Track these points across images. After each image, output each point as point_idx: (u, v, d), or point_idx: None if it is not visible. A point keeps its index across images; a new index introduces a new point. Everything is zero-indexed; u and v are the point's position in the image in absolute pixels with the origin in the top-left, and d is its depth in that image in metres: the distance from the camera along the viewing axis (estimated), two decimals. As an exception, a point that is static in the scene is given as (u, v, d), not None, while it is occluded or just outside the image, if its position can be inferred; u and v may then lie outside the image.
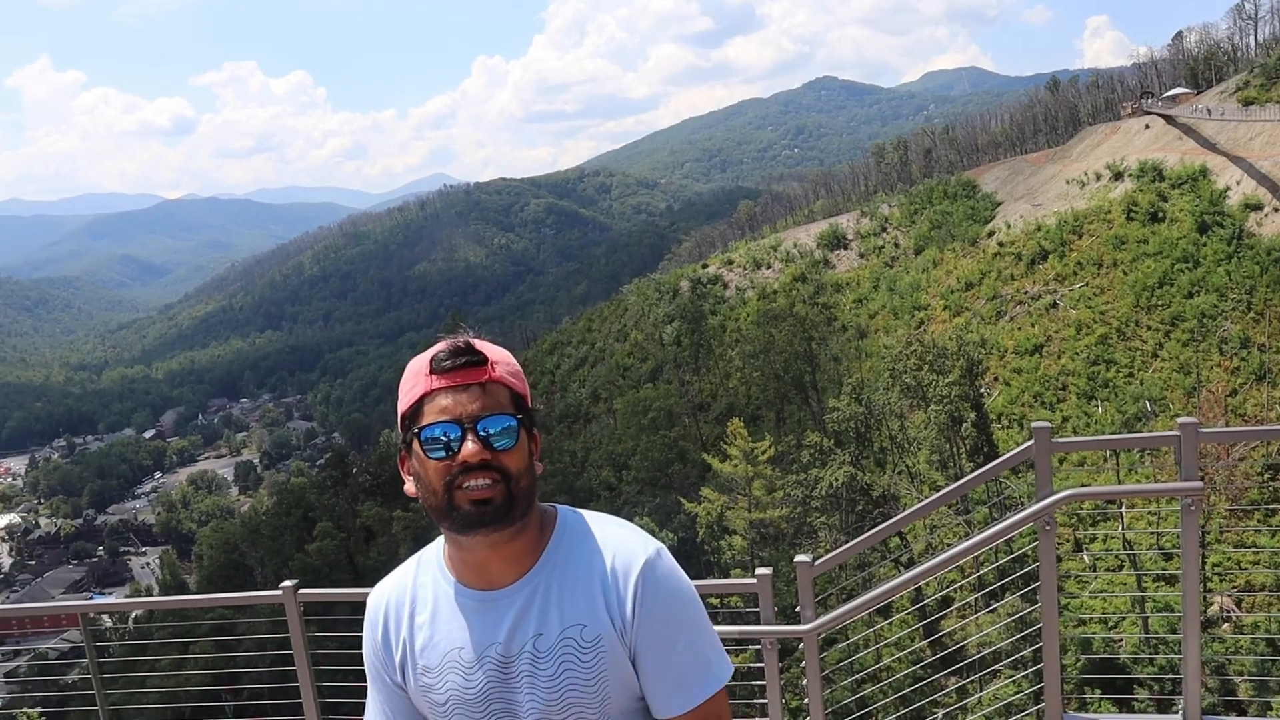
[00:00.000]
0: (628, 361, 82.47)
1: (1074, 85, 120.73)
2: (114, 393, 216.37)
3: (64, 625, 71.66)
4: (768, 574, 4.26)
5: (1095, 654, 27.97)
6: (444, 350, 1.83)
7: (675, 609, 1.88)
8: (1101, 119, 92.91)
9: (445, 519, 1.83)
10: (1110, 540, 35.58)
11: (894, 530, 4.83)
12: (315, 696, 4.99)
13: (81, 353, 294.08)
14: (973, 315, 60.70)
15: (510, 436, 1.82)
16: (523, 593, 1.88)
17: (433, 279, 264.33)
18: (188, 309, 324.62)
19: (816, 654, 4.25)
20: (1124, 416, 42.09)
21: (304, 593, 4.92)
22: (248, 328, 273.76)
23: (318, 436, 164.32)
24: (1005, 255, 65.24)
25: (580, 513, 1.98)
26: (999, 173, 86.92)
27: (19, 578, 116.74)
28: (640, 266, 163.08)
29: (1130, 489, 8.60)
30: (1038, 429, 4.04)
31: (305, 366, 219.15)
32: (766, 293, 79.80)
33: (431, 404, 1.82)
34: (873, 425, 41.03)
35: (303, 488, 73.12)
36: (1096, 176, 67.97)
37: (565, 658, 1.84)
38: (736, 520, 34.73)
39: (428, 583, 1.97)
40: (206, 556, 75.55)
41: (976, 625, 28.57)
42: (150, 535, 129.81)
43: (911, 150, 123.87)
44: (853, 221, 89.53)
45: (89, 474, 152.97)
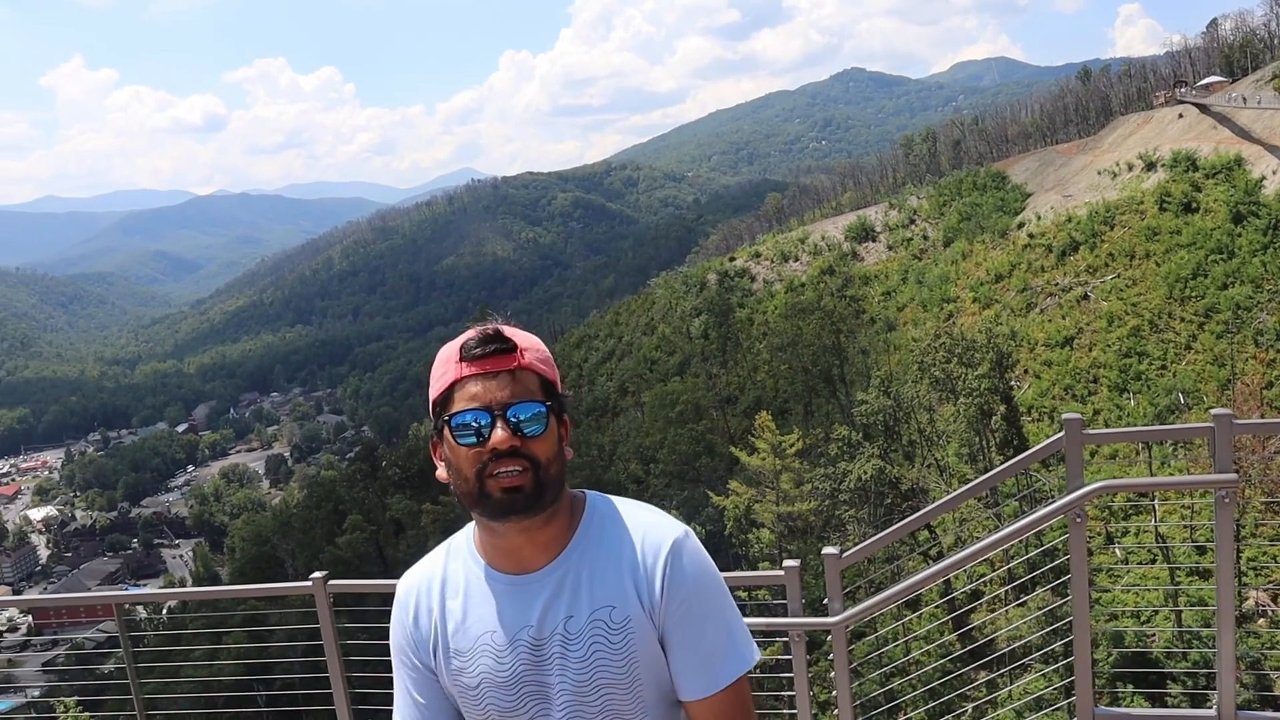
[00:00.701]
0: (655, 355, 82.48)
1: (1105, 74, 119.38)
2: (147, 387, 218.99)
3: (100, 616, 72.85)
4: (795, 566, 4.26)
5: (1127, 649, 27.72)
6: (473, 337, 1.85)
7: (703, 590, 1.90)
8: (1134, 108, 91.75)
9: (477, 505, 1.85)
10: (1142, 534, 35.22)
11: (922, 523, 4.80)
12: (345, 687, 5.03)
13: (115, 348, 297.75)
14: (1002, 307, 60.20)
15: (539, 423, 1.84)
16: (554, 576, 1.90)
17: (460, 273, 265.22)
18: (219, 304, 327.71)
19: (845, 646, 4.24)
20: (1156, 409, 41.63)
21: (334, 584, 4.96)
22: (278, 322, 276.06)
23: (347, 430, 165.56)
24: (1035, 247, 64.61)
25: (609, 498, 2.00)
26: (1029, 164, 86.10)
27: (56, 569, 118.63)
28: (667, 260, 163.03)
29: (1164, 481, 8.50)
30: (1069, 420, 4.00)
31: (335, 360, 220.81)
32: (794, 285, 79.53)
33: (461, 391, 1.84)
34: (901, 418, 40.78)
35: (333, 481, 73.69)
36: (1129, 167, 67.16)
37: (595, 639, 1.86)
38: (764, 513, 34.67)
39: (458, 568, 1.99)
40: (238, 549, 76.34)
41: (1006, 619, 28.39)
42: (183, 528, 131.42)
43: (940, 142, 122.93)
44: (881, 214, 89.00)
45: (123, 467, 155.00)
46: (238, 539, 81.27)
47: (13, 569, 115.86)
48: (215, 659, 35.98)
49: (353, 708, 5.09)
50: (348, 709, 5.05)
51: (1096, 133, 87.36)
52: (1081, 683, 4.23)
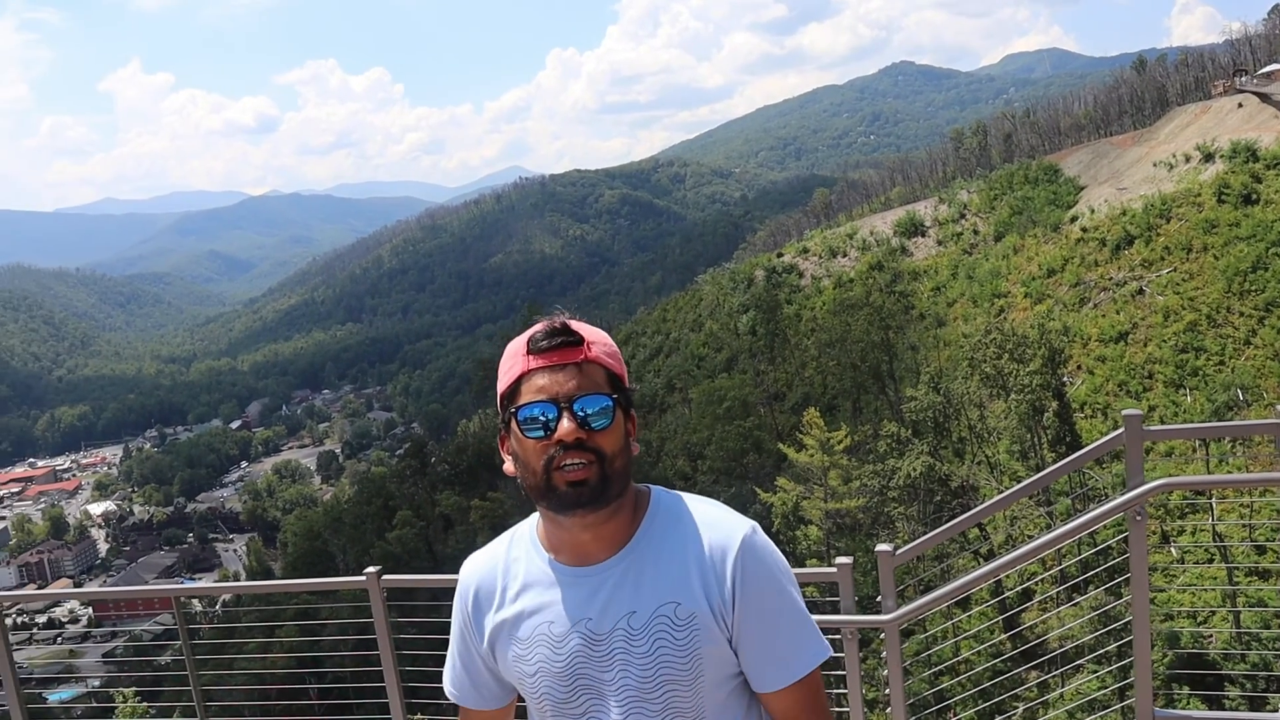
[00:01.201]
0: (703, 351, 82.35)
1: (1161, 64, 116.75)
2: (202, 384, 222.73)
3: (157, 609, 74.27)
4: (848, 563, 4.21)
5: (1183, 649, 27.19)
6: (541, 330, 1.86)
7: (777, 585, 1.90)
8: (1191, 99, 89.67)
9: (543, 498, 1.86)
10: (1199, 532, 34.51)
11: (976, 521, 4.74)
12: (398, 681, 5.08)
13: (172, 346, 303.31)
14: (1055, 302, 59.26)
15: (606, 416, 1.85)
16: (616, 569, 1.91)
17: (509, 271, 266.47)
18: (271, 302, 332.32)
19: (898, 645, 4.19)
20: (1214, 405, 40.79)
21: (387, 579, 5.01)
22: (329, 320, 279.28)
23: (397, 427, 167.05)
24: (1089, 241, 63.48)
25: (675, 493, 2.00)
26: (1082, 156, 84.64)
27: (115, 562, 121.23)
28: (715, 256, 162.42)
29: (1225, 479, 8.33)
30: (1129, 416, 3.92)
31: (385, 358, 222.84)
32: (842, 281, 78.94)
33: (529, 384, 1.85)
34: (951, 415, 40.31)
35: (383, 477, 74.57)
36: (1185, 158, 65.78)
37: (659, 635, 1.86)
38: (812, 510, 34.49)
39: (520, 557, 2.00)
40: (291, 544, 77.51)
41: (1059, 619, 27.98)
42: (237, 522, 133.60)
43: (991, 135, 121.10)
44: (930, 208, 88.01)
45: (179, 463, 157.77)
46: (290, 534, 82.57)
47: (74, 562, 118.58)
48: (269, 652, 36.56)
49: (405, 701, 5.14)
50: (401, 703, 5.10)
51: (1152, 124, 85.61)
52: (1141, 684, 4.15)
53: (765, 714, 2.00)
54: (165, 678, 28.66)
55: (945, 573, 27.31)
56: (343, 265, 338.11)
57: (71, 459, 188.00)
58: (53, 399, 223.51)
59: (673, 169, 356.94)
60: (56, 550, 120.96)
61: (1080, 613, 24.64)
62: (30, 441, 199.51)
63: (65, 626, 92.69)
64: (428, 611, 5.55)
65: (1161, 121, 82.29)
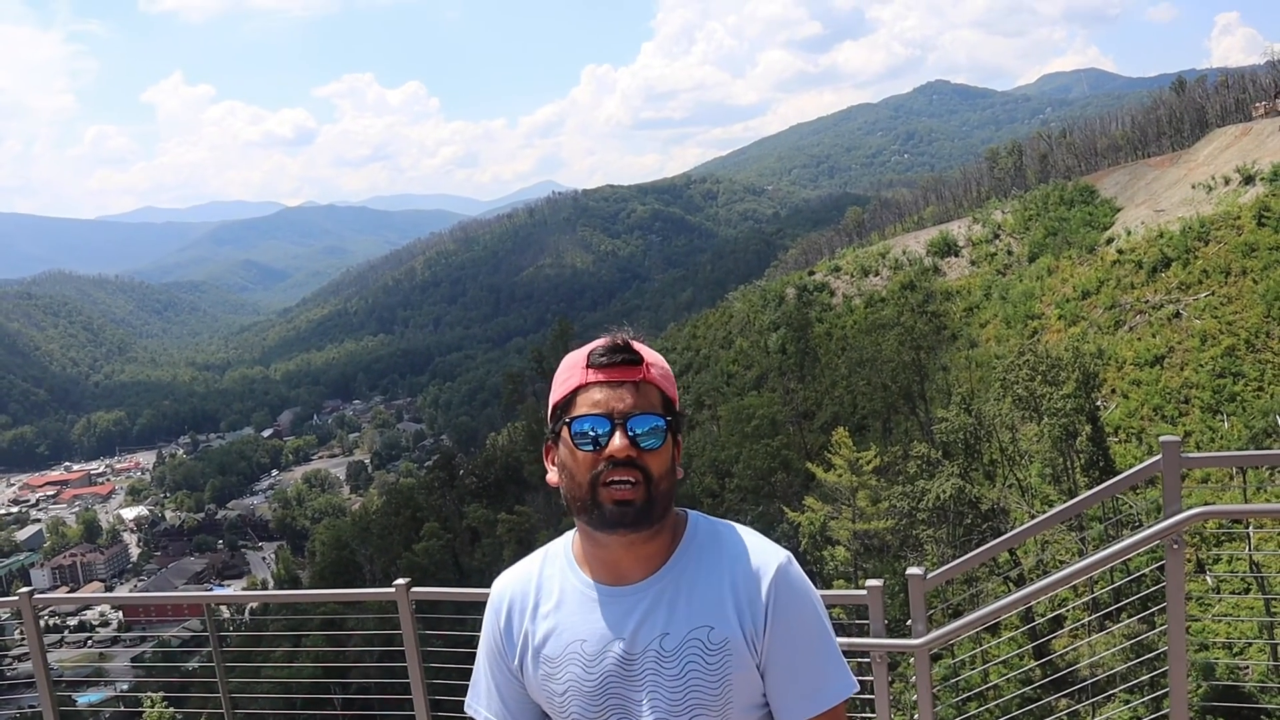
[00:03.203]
0: (732, 369, 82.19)
1: (1201, 85, 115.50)
2: (235, 392, 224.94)
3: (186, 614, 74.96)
4: (879, 586, 4.17)
5: (1218, 681, 26.71)
6: (602, 346, 1.87)
7: (808, 616, 1.90)
8: (1231, 120, 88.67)
9: (586, 513, 1.86)
10: (1235, 562, 33.95)
11: (1009, 545, 4.69)
12: (425, 693, 5.08)
13: (206, 353, 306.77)
14: (1089, 325, 58.67)
15: (658, 437, 1.85)
16: (651, 591, 1.90)
17: (540, 285, 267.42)
18: (305, 312, 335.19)
19: (928, 669, 4.14)
20: (1252, 432, 40.12)
21: (416, 591, 5.02)
22: (361, 331, 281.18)
23: (426, 438, 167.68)
24: (1125, 263, 62.83)
25: (711, 518, 2.00)
26: (1119, 177, 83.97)
27: (146, 567, 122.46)
28: (746, 273, 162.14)
29: (1266, 508, 8.19)
30: (1166, 443, 3.86)
31: (415, 370, 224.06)
32: (874, 300, 78.59)
33: (585, 396, 1.86)
34: (982, 437, 39.92)
35: (411, 488, 74.78)
36: (1225, 180, 65.04)
37: (691, 659, 1.85)
38: (840, 531, 34.23)
39: (554, 574, 2.00)
40: (319, 552, 77.86)
41: (1090, 648, 27.58)
42: (267, 530, 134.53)
43: (1027, 155, 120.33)
44: (964, 228, 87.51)
45: (211, 470, 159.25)
46: (318, 543, 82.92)
47: (105, 566, 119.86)
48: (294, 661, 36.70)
49: (432, 715, 5.13)
50: (427, 715, 5.10)
51: (1190, 146, 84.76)
52: (1177, 715, 4.07)
53: None
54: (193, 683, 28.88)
55: (975, 597, 27.01)
56: (376, 276, 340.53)
57: (106, 463, 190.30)
58: (89, 404, 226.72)
59: (705, 185, 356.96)
60: (89, 554, 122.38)
61: (1113, 640, 24.29)
62: (66, 445, 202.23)
63: (96, 630, 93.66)
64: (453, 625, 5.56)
65: (1200, 143, 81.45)
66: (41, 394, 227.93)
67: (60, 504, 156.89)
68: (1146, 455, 41.33)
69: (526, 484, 59.30)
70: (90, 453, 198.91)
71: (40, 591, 6.05)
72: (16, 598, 5.77)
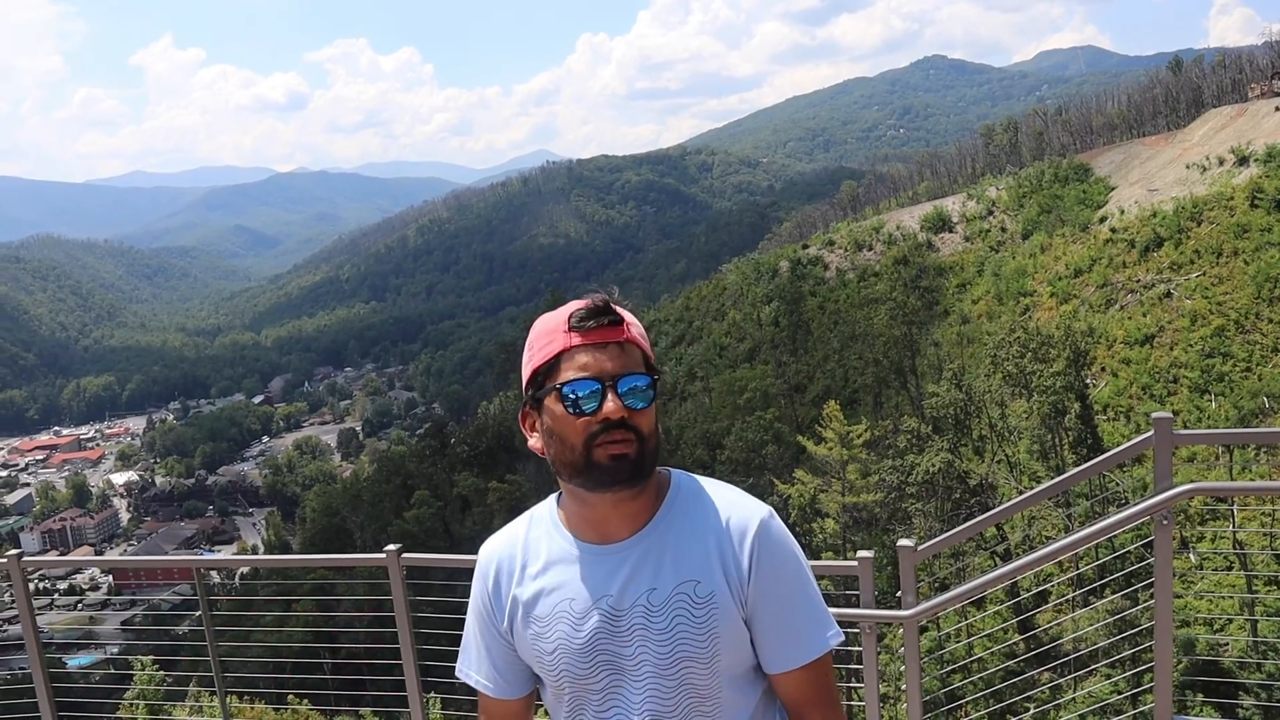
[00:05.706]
0: (725, 341, 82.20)
1: (1198, 65, 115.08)
2: (226, 358, 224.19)
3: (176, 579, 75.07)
4: (869, 557, 4.19)
5: (1198, 656, 27.00)
6: (583, 309, 1.87)
7: (791, 567, 1.93)
8: (1227, 101, 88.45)
9: (579, 474, 1.86)
10: (1219, 539, 34.25)
11: (998, 520, 4.72)
12: (415, 658, 5.11)
13: (197, 319, 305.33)
14: (1081, 303, 58.79)
15: (645, 397, 1.86)
16: (637, 548, 1.92)
17: (533, 254, 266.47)
18: (296, 279, 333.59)
19: (916, 641, 4.18)
20: (1240, 413, 40.37)
21: (407, 557, 5.03)
22: (353, 298, 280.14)
23: (418, 406, 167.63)
24: (1117, 242, 62.86)
25: (693, 475, 2.02)
26: (1113, 156, 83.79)
27: (136, 532, 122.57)
28: (740, 246, 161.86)
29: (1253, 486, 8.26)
30: (1158, 420, 3.87)
31: (407, 338, 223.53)
32: (867, 275, 78.55)
33: (570, 361, 1.85)
34: (972, 412, 40.14)
35: (402, 456, 74.85)
36: (1219, 161, 64.97)
37: (678, 613, 1.87)
38: (829, 503, 34.43)
39: (540, 536, 2.01)
40: (309, 519, 77.96)
41: (1074, 623, 27.85)
42: (257, 496, 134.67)
43: (1022, 132, 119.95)
44: (958, 204, 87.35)
45: (201, 436, 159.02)
46: (309, 510, 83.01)
47: (95, 530, 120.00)
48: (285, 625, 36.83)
49: (422, 679, 5.17)
50: (417, 680, 5.13)
51: (1186, 125, 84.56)
52: (1161, 689, 4.11)
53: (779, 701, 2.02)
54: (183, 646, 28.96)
55: (961, 571, 27.22)
56: (368, 244, 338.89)
57: (96, 428, 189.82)
58: (79, 368, 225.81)
59: (701, 157, 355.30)
60: (79, 518, 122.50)
61: (1097, 616, 24.52)
62: (56, 409, 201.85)
63: (86, 593, 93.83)
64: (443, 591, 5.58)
65: (1196, 123, 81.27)
66: (30, 358, 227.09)
67: (49, 468, 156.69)
68: (1134, 433, 41.52)
69: (517, 453, 59.38)
70: (80, 417, 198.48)
71: (30, 554, 6.03)
72: (5, 560, 5.77)
